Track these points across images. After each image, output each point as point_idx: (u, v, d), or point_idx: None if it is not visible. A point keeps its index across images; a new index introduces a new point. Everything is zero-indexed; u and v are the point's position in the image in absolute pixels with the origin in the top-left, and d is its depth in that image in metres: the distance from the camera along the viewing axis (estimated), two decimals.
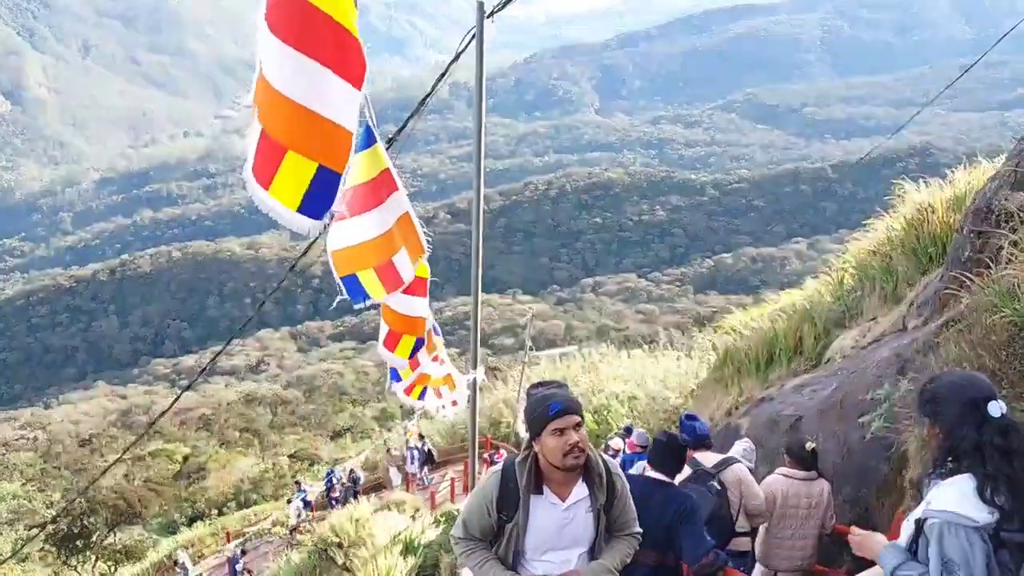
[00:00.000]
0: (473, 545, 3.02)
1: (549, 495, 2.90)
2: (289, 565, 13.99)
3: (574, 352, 22.32)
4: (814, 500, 5.36)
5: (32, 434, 77.34)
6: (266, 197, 3.22)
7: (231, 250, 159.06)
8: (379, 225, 3.86)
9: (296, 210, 3.26)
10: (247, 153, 3.26)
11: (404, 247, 3.99)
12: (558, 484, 2.90)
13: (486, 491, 2.97)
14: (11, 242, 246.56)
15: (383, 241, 3.86)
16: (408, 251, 4.01)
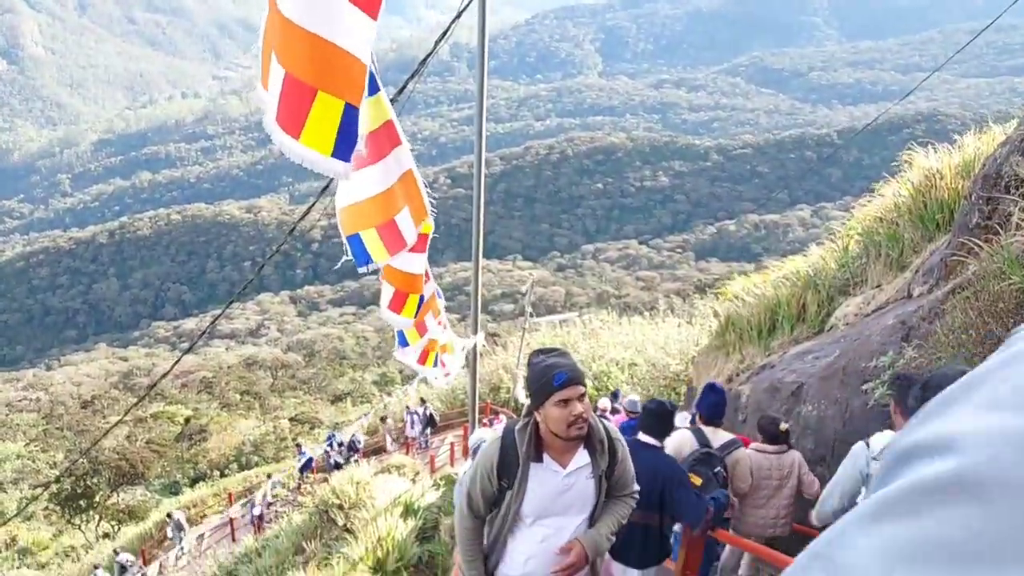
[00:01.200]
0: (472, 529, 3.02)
1: (550, 462, 2.88)
2: (291, 525, 14.12)
3: (574, 318, 22.32)
4: (785, 471, 5.62)
5: (34, 395, 77.85)
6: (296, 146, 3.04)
7: (230, 213, 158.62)
8: (382, 181, 3.62)
9: (330, 155, 3.10)
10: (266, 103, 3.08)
11: (407, 206, 3.76)
12: (559, 452, 2.88)
13: (486, 459, 2.95)
14: (10, 203, 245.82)
15: (385, 199, 3.65)
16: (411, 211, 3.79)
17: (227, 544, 18.21)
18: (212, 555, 16.85)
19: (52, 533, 33.86)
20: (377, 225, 3.70)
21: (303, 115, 3.00)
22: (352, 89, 3.06)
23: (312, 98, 2.98)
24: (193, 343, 13.98)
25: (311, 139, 3.06)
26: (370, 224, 3.71)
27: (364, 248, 3.78)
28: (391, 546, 10.10)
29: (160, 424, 45.74)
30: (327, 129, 3.05)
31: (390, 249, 3.77)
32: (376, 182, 3.61)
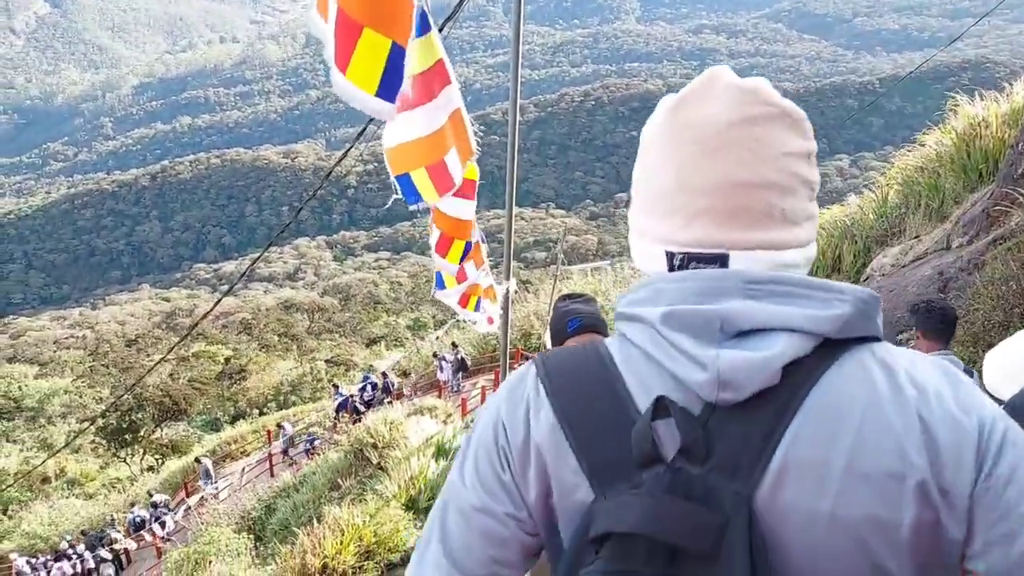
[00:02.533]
0: None
1: None
2: (327, 462, 14.51)
3: (606, 267, 22.25)
4: None
5: (81, 333, 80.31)
6: (343, 81, 2.98)
7: (268, 158, 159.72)
8: (432, 121, 3.55)
9: (374, 94, 3.05)
10: (324, 34, 3.07)
11: (455, 147, 3.70)
12: None
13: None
14: (55, 146, 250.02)
15: (435, 139, 3.59)
16: (458, 151, 3.73)
17: (266, 479, 18.81)
18: (252, 489, 17.43)
19: (99, 465, 35.22)
20: (427, 165, 3.64)
21: (349, 51, 2.97)
22: (399, 28, 3.03)
23: (358, 34, 2.95)
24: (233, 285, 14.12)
25: (356, 76, 3.00)
26: (419, 164, 3.64)
27: (414, 187, 3.70)
28: (423, 484, 10.35)
29: (201, 363, 46.96)
30: (373, 67, 3.01)
31: (439, 189, 3.70)
32: (426, 123, 3.55)
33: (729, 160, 0.89)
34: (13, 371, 58.68)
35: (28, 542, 23.89)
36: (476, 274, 6.23)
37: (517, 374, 1.00)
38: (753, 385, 0.82)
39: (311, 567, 8.30)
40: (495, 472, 0.93)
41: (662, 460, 0.83)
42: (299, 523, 11.00)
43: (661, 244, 0.96)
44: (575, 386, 0.92)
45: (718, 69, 0.98)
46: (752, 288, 0.87)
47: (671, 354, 0.86)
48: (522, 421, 0.93)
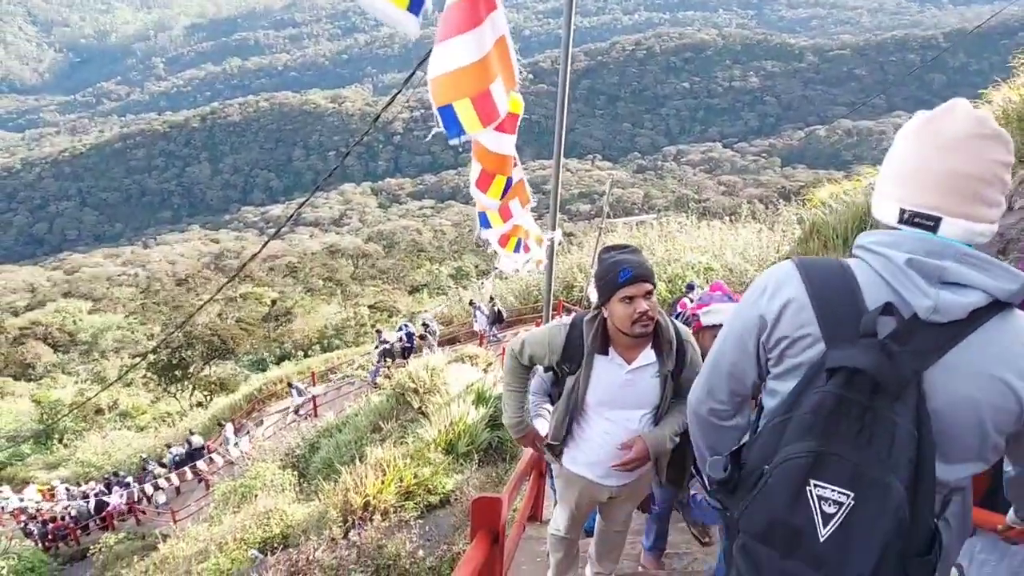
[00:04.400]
0: (518, 369, 3.13)
1: (615, 356, 2.89)
2: (370, 405, 14.78)
3: (652, 221, 21.97)
4: None
5: (133, 271, 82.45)
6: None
7: (316, 102, 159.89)
8: (478, 48, 3.39)
9: (406, 8, 3.00)
10: None
11: (500, 75, 3.53)
12: (625, 347, 2.88)
13: (553, 336, 2.99)
14: (108, 85, 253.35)
15: (481, 67, 3.42)
16: (504, 80, 3.56)
17: (310, 418, 19.28)
18: (297, 428, 17.89)
19: (150, 400, 36.43)
20: (472, 95, 3.48)
21: None
22: None
23: None
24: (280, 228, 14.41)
25: None
26: (464, 94, 3.49)
27: (456, 119, 3.55)
28: (462, 430, 10.50)
29: (248, 304, 47.95)
30: None
31: (483, 120, 3.53)
32: (471, 50, 3.41)
33: (958, 158, 1.42)
34: (68, 306, 60.69)
35: (83, 470, 24.96)
36: (521, 212, 6.07)
37: (776, 273, 1.61)
38: (952, 316, 1.39)
39: (353, 504, 8.50)
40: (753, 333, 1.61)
41: (876, 336, 1.39)
42: (342, 462, 11.27)
43: (897, 202, 1.50)
44: (824, 279, 1.51)
45: (960, 101, 1.48)
46: (963, 257, 1.41)
47: (906, 285, 1.43)
48: (779, 301, 1.55)
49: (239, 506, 12.52)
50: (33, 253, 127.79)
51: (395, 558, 5.27)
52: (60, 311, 57.95)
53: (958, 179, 1.42)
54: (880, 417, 1.35)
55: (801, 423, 1.40)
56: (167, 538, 13.48)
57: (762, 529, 1.42)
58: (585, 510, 3.35)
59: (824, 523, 1.33)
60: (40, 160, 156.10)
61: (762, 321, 1.57)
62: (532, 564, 4.30)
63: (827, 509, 1.33)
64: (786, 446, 1.41)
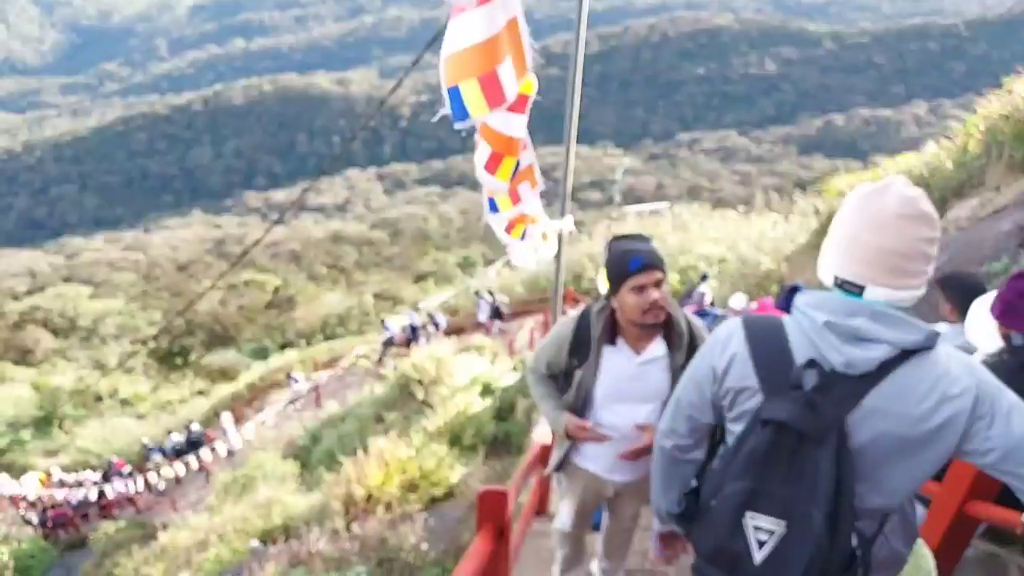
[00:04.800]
0: (541, 378, 3.12)
1: (624, 347, 2.89)
2: (373, 395, 14.66)
3: (664, 210, 21.78)
4: None
5: (133, 256, 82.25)
6: None
7: (320, 86, 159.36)
8: (488, 27, 3.28)
9: None
10: None
11: (510, 56, 3.39)
12: (634, 339, 2.87)
13: (561, 334, 3.01)
14: (110, 66, 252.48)
15: (489, 46, 3.31)
16: (513, 62, 3.43)
17: (312, 408, 19.17)
18: (298, 418, 17.77)
19: (151, 387, 36.39)
20: (479, 75, 3.36)
21: None
22: None
23: None
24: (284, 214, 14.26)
25: None
26: (471, 74, 3.37)
27: (462, 101, 3.43)
28: (468, 421, 10.36)
29: (251, 291, 47.88)
30: None
31: (490, 102, 3.40)
32: (481, 28, 3.28)
33: (886, 236, 1.61)
34: (68, 291, 60.57)
35: (82, 457, 24.90)
36: (530, 195, 5.91)
37: (726, 330, 1.84)
38: (862, 369, 1.61)
39: (356, 496, 8.41)
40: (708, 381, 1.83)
41: (802, 388, 1.62)
42: (344, 453, 11.14)
43: (833, 269, 1.72)
44: (762, 337, 1.75)
45: (895, 181, 1.66)
46: (875, 315, 1.62)
47: (824, 343, 1.65)
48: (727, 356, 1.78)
49: (240, 496, 12.41)
50: (33, 237, 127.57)
51: (398, 551, 5.15)
52: (60, 296, 57.87)
53: (884, 255, 1.62)
54: (805, 458, 1.60)
55: (739, 464, 1.66)
56: (167, 527, 13.40)
57: (709, 552, 1.70)
58: (591, 505, 3.36)
59: (758, 548, 1.60)
60: (41, 142, 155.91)
61: (714, 373, 1.82)
62: (538, 558, 4.18)
63: (760, 537, 1.60)
64: (728, 483, 1.67)
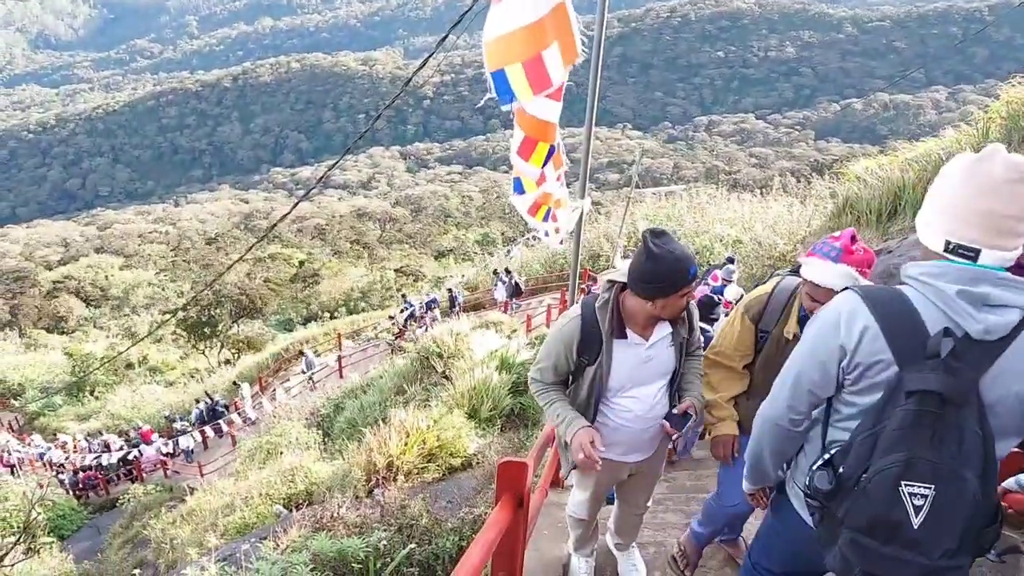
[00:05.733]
0: (546, 386, 3.05)
1: (633, 337, 2.89)
2: (394, 368, 14.92)
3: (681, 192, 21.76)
4: None
5: (163, 229, 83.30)
6: None
7: (346, 65, 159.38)
8: (532, 11, 3.27)
9: None
10: None
11: (556, 42, 3.38)
12: (642, 327, 2.88)
13: (566, 336, 2.93)
14: (142, 43, 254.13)
15: (535, 30, 3.29)
16: (560, 48, 3.41)
17: (335, 379, 19.55)
18: (322, 388, 18.15)
19: (179, 356, 37.02)
20: (523, 60, 3.36)
21: None
22: None
23: None
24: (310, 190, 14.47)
25: None
26: (516, 59, 3.36)
27: (508, 84, 3.42)
28: (485, 395, 10.57)
29: (277, 264, 48.37)
30: None
31: (535, 87, 3.41)
32: (525, 12, 3.29)
33: (998, 200, 1.69)
34: (100, 261, 61.66)
35: (113, 422, 25.53)
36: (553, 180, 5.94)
37: (845, 305, 1.88)
38: (999, 334, 1.70)
39: (377, 464, 8.62)
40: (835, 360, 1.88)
41: (939, 357, 1.69)
42: (366, 423, 11.42)
43: (944, 234, 1.77)
44: (889, 309, 1.80)
45: (998, 148, 1.72)
46: (999, 281, 1.71)
47: (959, 312, 1.72)
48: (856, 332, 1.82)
49: (264, 462, 12.75)
50: (66, 208, 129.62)
51: (417, 518, 5.35)
52: (92, 266, 58.93)
53: (996, 218, 1.70)
54: (950, 424, 1.68)
55: (890, 438, 1.73)
56: (194, 491, 13.78)
57: (865, 524, 1.76)
58: (605, 490, 3.40)
59: (916, 513, 1.69)
60: (74, 116, 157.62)
61: (842, 350, 1.86)
62: (554, 529, 4.36)
63: (916, 502, 1.68)
64: (880, 458, 1.74)
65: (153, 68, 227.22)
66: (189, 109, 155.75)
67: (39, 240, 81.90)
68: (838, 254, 2.67)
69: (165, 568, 10.55)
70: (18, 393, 32.06)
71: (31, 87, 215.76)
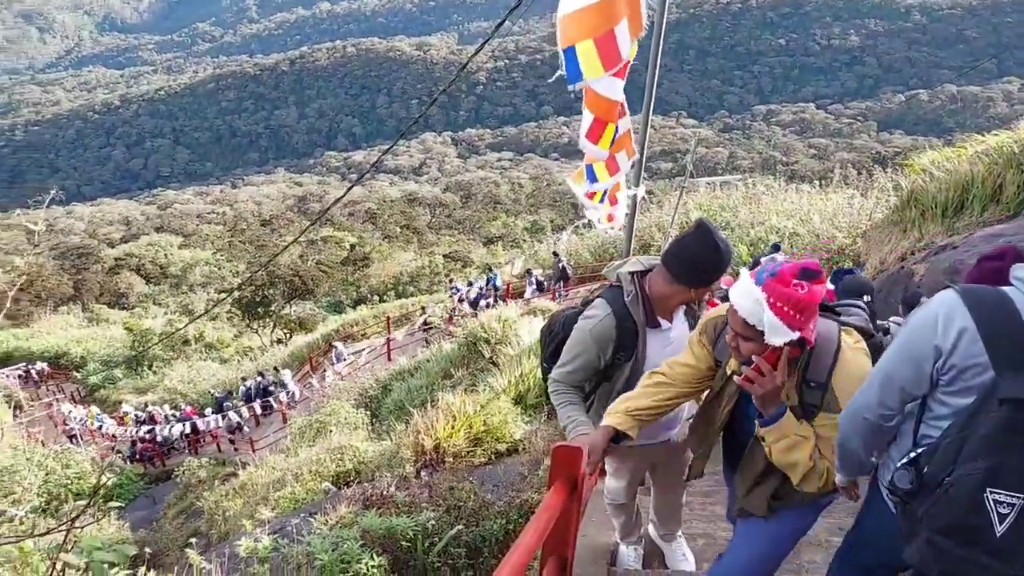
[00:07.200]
0: (567, 387, 3.01)
1: (663, 323, 2.95)
2: (441, 352, 15.02)
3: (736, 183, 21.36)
4: None
5: (221, 209, 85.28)
6: None
7: (401, 50, 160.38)
8: None
9: None
10: None
11: (626, 18, 3.33)
12: (667, 312, 2.94)
13: (599, 337, 2.89)
14: (203, 26, 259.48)
15: (606, 6, 3.25)
16: (629, 23, 3.36)
17: (383, 362, 19.77)
18: (370, 370, 18.37)
19: (234, 334, 37.85)
20: (595, 36, 3.31)
21: None
22: None
23: None
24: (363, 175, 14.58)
25: None
26: (588, 35, 3.31)
27: (577, 63, 3.37)
28: (532, 382, 10.56)
29: (329, 247, 49.08)
30: None
31: (605, 64, 3.36)
32: None
33: None
34: (160, 240, 63.34)
35: (169, 396, 26.26)
36: (626, 164, 5.80)
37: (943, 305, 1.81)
38: None
39: (424, 445, 8.69)
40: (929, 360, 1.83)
41: None
42: (413, 405, 11.53)
43: None
44: (990, 310, 1.73)
45: None
46: None
47: None
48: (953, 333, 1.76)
49: (314, 440, 12.98)
50: (129, 187, 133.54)
51: (465, 500, 5.39)
52: (153, 245, 60.60)
53: None
54: None
55: (979, 444, 1.67)
56: (246, 466, 14.09)
57: (943, 526, 1.72)
58: (641, 473, 3.48)
59: (1000, 521, 1.62)
60: (137, 98, 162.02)
61: (937, 351, 1.80)
62: (602, 516, 4.35)
63: (1002, 511, 1.62)
64: (965, 463, 1.69)
65: (214, 51, 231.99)
66: (247, 92, 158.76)
67: (102, 218, 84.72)
68: (769, 275, 2.10)
69: (217, 539, 10.82)
70: (80, 365, 33.18)
71: (97, 68, 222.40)
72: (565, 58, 3.39)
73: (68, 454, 17.12)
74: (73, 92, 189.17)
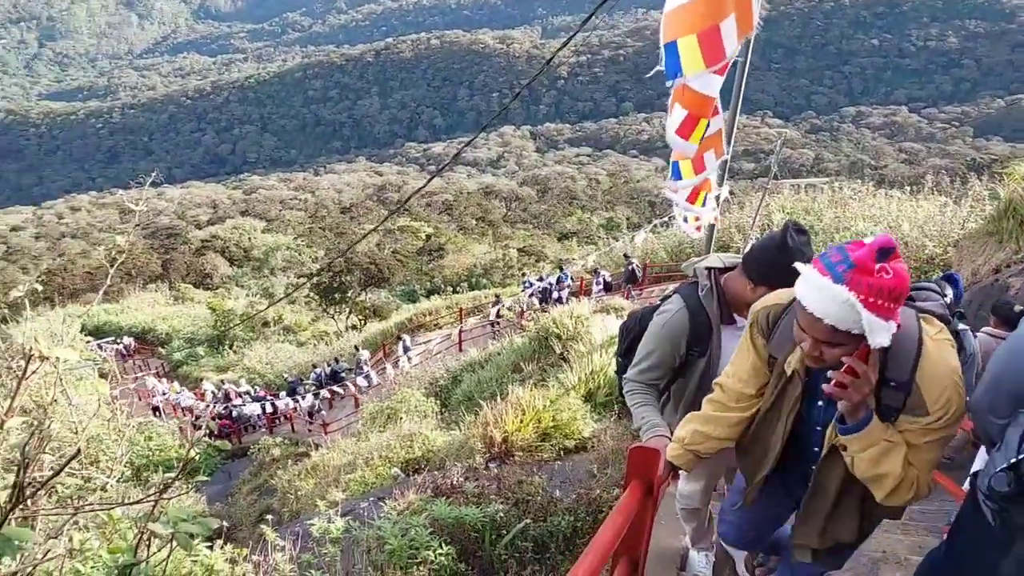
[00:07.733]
0: (643, 386, 2.97)
1: (739, 320, 2.91)
2: (512, 346, 15.10)
3: (822, 185, 20.72)
4: None
5: (303, 196, 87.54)
6: None
7: (484, 42, 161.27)
8: None
9: None
10: None
11: (734, 13, 3.26)
12: (742, 310, 2.87)
13: (673, 332, 2.88)
14: (293, 16, 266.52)
15: (714, 1, 3.20)
16: (737, 19, 3.28)
17: (454, 352, 20.00)
18: (441, 360, 18.61)
19: (311, 318, 38.82)
20: (699, 31, 3.25)
21: None
22: None
23: None
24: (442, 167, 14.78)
25: None
26: (691, 29, 3.25)
27: (677, 57, 3.30)
28: (602, 380, 10.51)
29: (405, 237, 49.86)
30: None
31: (708, 60, 3.28)
32: None
33: None
34: (245, 224, 65.45)
35: (248, 375, 27.14)
36: (714, 163, 5.69)
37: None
38: None
39: (493, 438, 8.75)
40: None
41: None
42: (482, 397, 11.62)
43: None
44: None
45: None
46: None
47: None
48: None
49: (384, 426, 13.22)
50: (217, 172, 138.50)
51: (533, 495, 5.42)
52: (237, 228, 62.67)
53: None
54: None
55: None
56: (319, 447, 14.48)
57: None
58: (717, 479, 3.42)
59: None
60: (228, 85, 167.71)
61: None
62: (672, 519, 4.31)
63: None
64: None
65: (302, 41, 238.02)
66: (333, 82, 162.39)
67: (191, 201, 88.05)
68: (846, 268, 1.79)
69: (288, 517, 11.14)
70: (165, 342, 34.60)
71: (192, 55, 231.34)
72: (666, 53, 3.35)
73: (151, 426, 17.89)
74: (168, 77, 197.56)
